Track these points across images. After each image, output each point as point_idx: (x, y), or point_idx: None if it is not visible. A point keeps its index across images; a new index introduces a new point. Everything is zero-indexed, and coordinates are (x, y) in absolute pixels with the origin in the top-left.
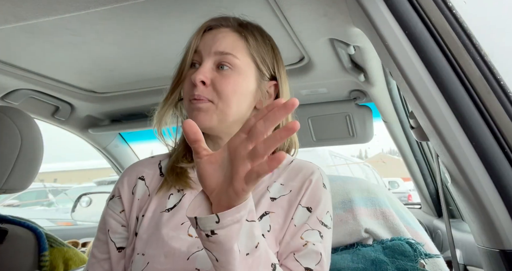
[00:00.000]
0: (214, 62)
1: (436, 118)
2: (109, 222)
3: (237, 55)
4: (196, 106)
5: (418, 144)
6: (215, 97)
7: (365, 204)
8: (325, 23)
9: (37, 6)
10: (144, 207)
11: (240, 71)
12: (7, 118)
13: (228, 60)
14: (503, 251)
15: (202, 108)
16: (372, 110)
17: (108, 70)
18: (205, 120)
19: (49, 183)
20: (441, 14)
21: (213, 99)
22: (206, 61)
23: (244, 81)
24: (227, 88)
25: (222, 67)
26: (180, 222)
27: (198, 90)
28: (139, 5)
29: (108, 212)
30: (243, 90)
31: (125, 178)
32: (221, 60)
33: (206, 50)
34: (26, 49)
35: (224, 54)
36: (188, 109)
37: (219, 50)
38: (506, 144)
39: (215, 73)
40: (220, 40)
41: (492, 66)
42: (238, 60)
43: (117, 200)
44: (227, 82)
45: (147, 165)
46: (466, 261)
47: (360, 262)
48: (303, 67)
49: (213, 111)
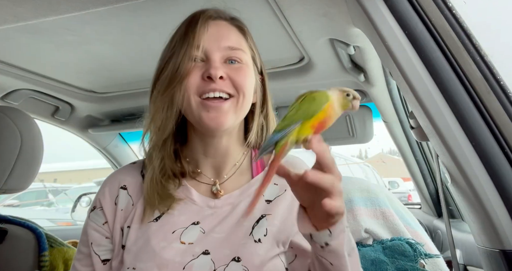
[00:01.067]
0: (223, 57)
1: (436, 118)
2: (92, 234)
3: (245, 50)
4: (216, 106)
5: (418, 144)
6: (235, 91)
7: (365, 204)
8: (325, 23)
9: (37, 6)
10: (129, 218)
11: (248, 65)
12: (7, 118)
13: (238, 55)
14: (503, 251)
15: (224, 108)
16: (372, 110)
17: (108, 70)
18: (225, 121)
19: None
20: (441, 14)
21: (234, 93)
22: (216, 56)
23: (252, 74)
24: (245, 81)
25: (232, 62)
26: (170, 231)
27: (216, 84)
28: (139, 5)
29: (90, 224)
30: (252, 83)
31: (106, 188)
32: (230, 55)
33: (213, 45)
34: (26, 49)
35: (234, 50)
36: (203, 109)
37: (228, 45)
38: (506, 144)
39: (227, 67)
40: (227, 35)
41: (492, 66)
42: (246, 55)
43: (99, 211)
44: (243, 75)
45: (128, 173)
46: (466, 261)
47: (360, 262)
48: (303, 67)
49: (233, 110)
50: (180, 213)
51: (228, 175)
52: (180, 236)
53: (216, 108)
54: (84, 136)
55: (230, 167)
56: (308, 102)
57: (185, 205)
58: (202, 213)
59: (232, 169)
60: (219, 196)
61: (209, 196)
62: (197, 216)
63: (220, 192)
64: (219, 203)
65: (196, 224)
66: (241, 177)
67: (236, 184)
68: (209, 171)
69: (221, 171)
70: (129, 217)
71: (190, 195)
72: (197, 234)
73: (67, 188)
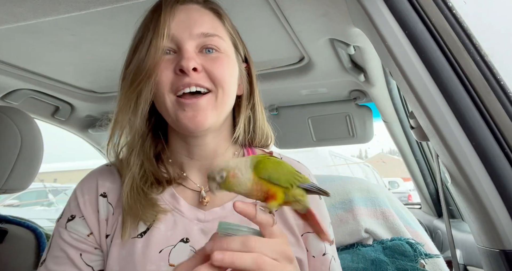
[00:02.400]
0: (197, 45)
1: (436, 118)
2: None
3: (222, 36)
4: (192, 103)
5: (418, 144)
6: (212, 85)
7: (365, 204)
8: (325, 23)
9: (37, 6)
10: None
11: (227, 53)
12: (7, 118)
13: (214, 43)
14: (503, 251)
15: (201, 105)
16: (372, 110)
17: (108, 70)
18: (205, 120)
19: (49, 183)
20: (441, 14)
21: (212, 87)
22: (188, 45)
23: (233, 64)
24: (224, 73)
25: (209, 50)
26: (157, 250)
27: (190, 78)
28: (139, 5)
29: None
30: (234, 74)
31: (86, 195)
32: (206, 43)
33: (184, 33)
34: (26, 49)
35: (209, 36)
36: (178, 107)
37: (202, 32)
38: (506, 144)
39: (202, 57)
40: (199, 20)
41: (492, 66)
42: (224, 42)
43: (81, 221)
44: (222, 67)
45: (106, 176)
46: (466, 261)
47: (360, 262)
48: (303, 67)
49: (212, 106)
50: (167, 228)
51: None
52: (169, 256)
53: (192, 105)
54: (84, 136)
55: None
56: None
57: (172, 217)
58: (190, 227)
59: None
60: (204, 204)
61: (196, 206)
62: (185, 231)
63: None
64: (209, 215)
65: (185, 242)
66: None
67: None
68: (195, 175)
69: None
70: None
71: (178, 206)
72: (187, 254)
73: (67, 188)
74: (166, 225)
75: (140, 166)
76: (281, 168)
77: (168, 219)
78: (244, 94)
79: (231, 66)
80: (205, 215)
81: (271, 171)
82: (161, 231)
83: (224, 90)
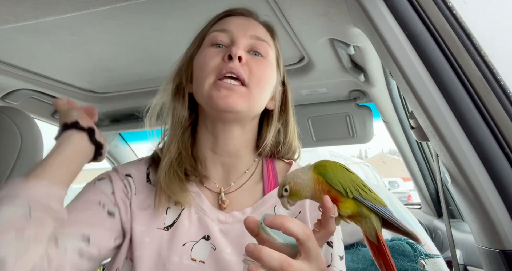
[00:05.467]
0: (248, 45)
1: (436, 118)
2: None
3: (270, 45)
4: (230, 85)
5: (418, 144)
6: (251, 80)
7: None
8: (325, 23)
9: (37, 6)
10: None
11: (271, 61)
12: (7, 118)
13: (263, 47)
14: (503, 251)
15: (236, 90)
16: (372, 110)
17: (108, 70)
18: (236, 103)
19: None
20: (441, 14)
21: (249, 82)
22: (241, 41)
23: (273, 72)
24: (263, 74)
25: (256, 53)
26: (181, 243)
27: (235, 64)
28: (139, 5)
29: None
30: (272, 82)
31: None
32: (255, 45)
33: (240, 31)
34: (26, 49)
35: (260, 40)
36: (214, 89)
37: (255, 35)
38: (506, 144)
39: (249, 56)
40: (255, 26)
41: (492, 66)
42: (271, 50)
43: (108, 182)
44: (263, 68)
45: (133, 166)
46: (466, 261)
47: (360, 262)
48: (303, 67)
49: (246, 97)
50: (191, 224)
51: (236, 183)
52: (191, 251)
53: (228, 88)
54: None
55: (240, 172)
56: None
57: (196, 214)
58: (212, 226)
59: (242, 177)
60: (222, 208)
61: (216, 207)
62: (207, 229)
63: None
64: (229, 218)
65: (207, 239)
66: (252, 190)
67: (246, 198)
68: (217, 173)
69: (230, 175)
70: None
71: (202, 204)
72: (208, 251)
73: None
74: (190, 221)
75: (178, 154)
76: (338, 170)
77: (192, 216)
78: (276, 109)
79: (271, 73)
80: (226, 217)
81: (328, 169)
82: (185, 226)
83: (259, 90)
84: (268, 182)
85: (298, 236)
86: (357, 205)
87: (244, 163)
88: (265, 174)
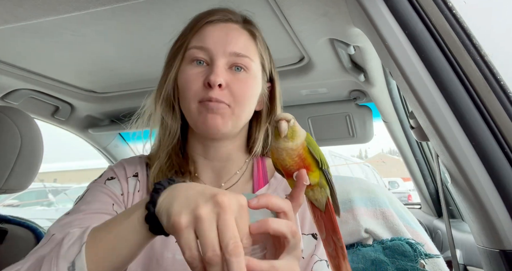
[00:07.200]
0: (227, 63)
1: (436, 118)
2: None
3: (252, 58)
4: (212, 108)
5: (418, 144)
6: (232, 101)
7: (365, 204)
8: (325, 23)
9: (37, 6)
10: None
11: (254, 74)
12: (7, 118)
13: (244, 63)
14: (503, 251)
15: (219, 112)
16: (372, 110)
17: (108, 70)
18: (222, 125)
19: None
20: (441, 14)
21: (230, 104)
22: (220, 61)
23: (257, 84)
24: (246, 93)
25: (238, 69)
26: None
27: (214, 93)
28: (139, 5)
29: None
30: (255, 93)
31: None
32: (236, 62)
33: (219, 50)
34: (26, 49)
35: (241, 57)
36: (198, 112)
37: (235, 52)
38: (506, 144)
39: (230, 75)
40: (234, 40)
41: (492, 66)
42: (253, 63)
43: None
44: (245, 87)
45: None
46: (466, 261)
47: (360, 262)
48: (303, 67)
49: (229, 117)
50: None
51: (226, 184)
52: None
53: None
54: (84, 136)
55: (231, 174)
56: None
57: None
58: None
59: (232, 177)
60: None
61: None
62: None
63: None
64: None
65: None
66: (242, 190)
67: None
68: (208, 175)
69: (221, 177)
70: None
71: None
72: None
73: (67, 188)
74: None
75: (168, 158)
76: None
77: None
78: (264, 110)
79: (255, 86)
80: None
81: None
82: None
83: (241, 107)
84: (257, 180)
85: (283, 208)
86: (320, 176)
87: (235, 165)
88: (255, 173)
